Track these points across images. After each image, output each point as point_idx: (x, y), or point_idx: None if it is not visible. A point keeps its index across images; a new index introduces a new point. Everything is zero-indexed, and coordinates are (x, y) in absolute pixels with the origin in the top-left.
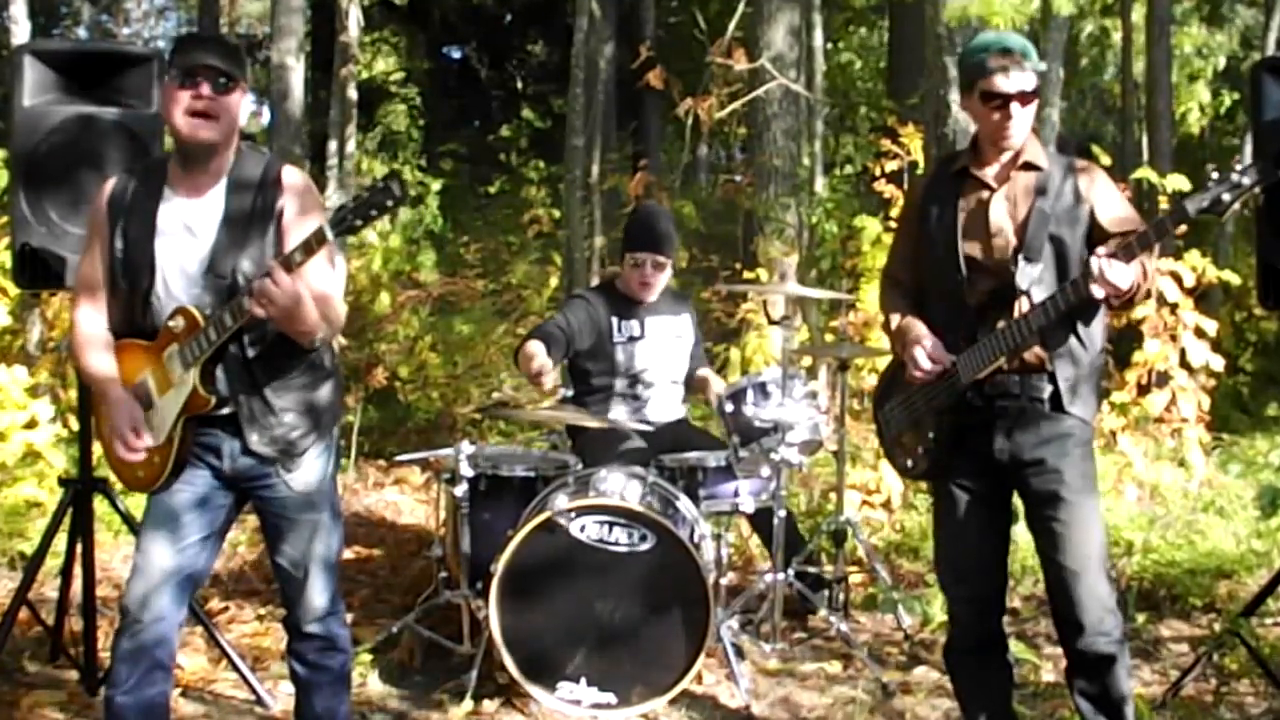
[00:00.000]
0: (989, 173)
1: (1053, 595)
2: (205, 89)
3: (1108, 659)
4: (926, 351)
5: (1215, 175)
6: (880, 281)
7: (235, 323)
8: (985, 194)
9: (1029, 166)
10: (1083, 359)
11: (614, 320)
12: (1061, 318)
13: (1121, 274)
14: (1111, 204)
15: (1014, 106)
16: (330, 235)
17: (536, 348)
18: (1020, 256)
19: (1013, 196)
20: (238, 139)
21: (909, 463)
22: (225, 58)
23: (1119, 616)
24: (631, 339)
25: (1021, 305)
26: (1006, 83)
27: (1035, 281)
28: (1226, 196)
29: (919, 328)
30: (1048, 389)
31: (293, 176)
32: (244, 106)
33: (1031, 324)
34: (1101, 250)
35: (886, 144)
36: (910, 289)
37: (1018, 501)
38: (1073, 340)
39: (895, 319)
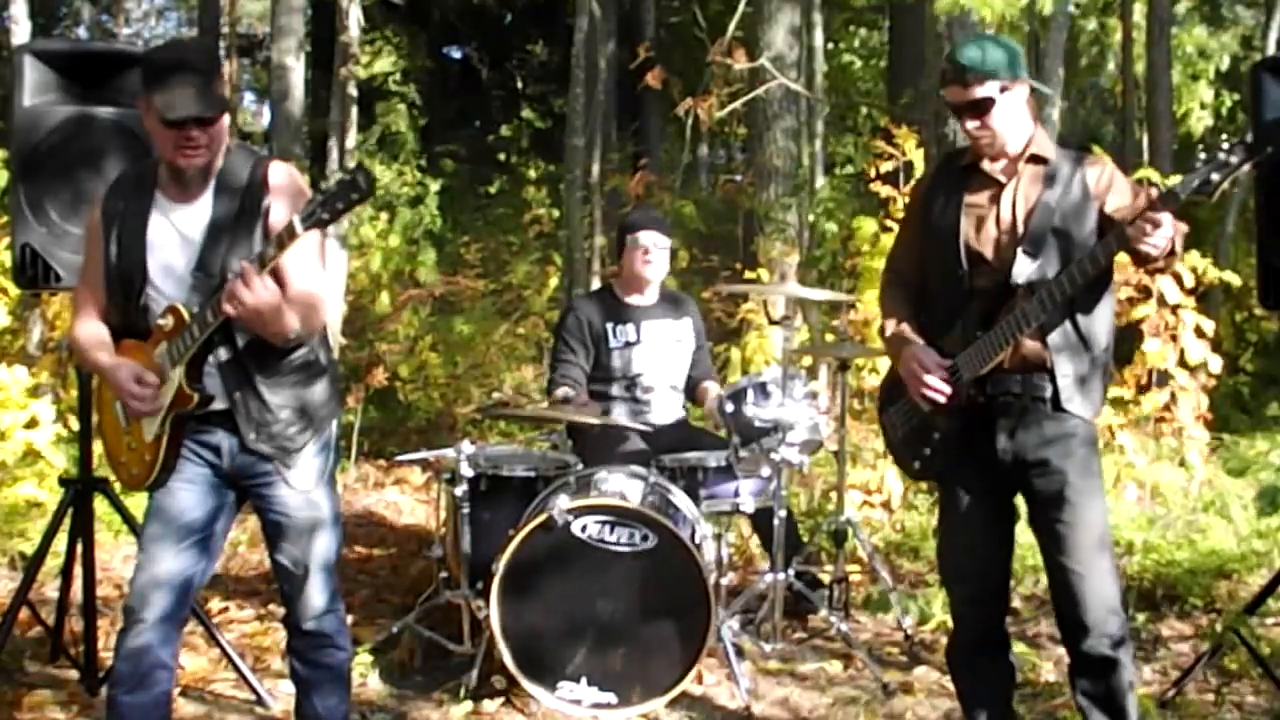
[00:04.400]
0: (996, 167)
1: (1056, 596)
2: (193, 131)
3: (1111, 660)
4: (927, 376)
5: (1203, 156)
6: (881, 277)
7: (216, 319)
8: (994, 189)
9: (1036, 159)
10: (1083, 355)
11: (609, 326)
12: (1058, 308)
13: (1166, 228)
14: (1121, 193)
15: (966, 118)
16: (300, 229)
17: (568, 393)
18: (1020, 250)
19: (1021, 190)
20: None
21: (916, 465)
22: (207, 100)
23: (1123, 617)
24: (628, 344)
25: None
26: (948, 95)
27: (1034, 276)
28: (1215, 176)
29: (913, 341)
30: (1049, 388)
31: (279, 174)
32: (227, 121)
33: (1029, 316)
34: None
35: (881, 145)
36: (913, 284)
37: (1019, 500)
38: (1072, 335)
39: (890, 325)
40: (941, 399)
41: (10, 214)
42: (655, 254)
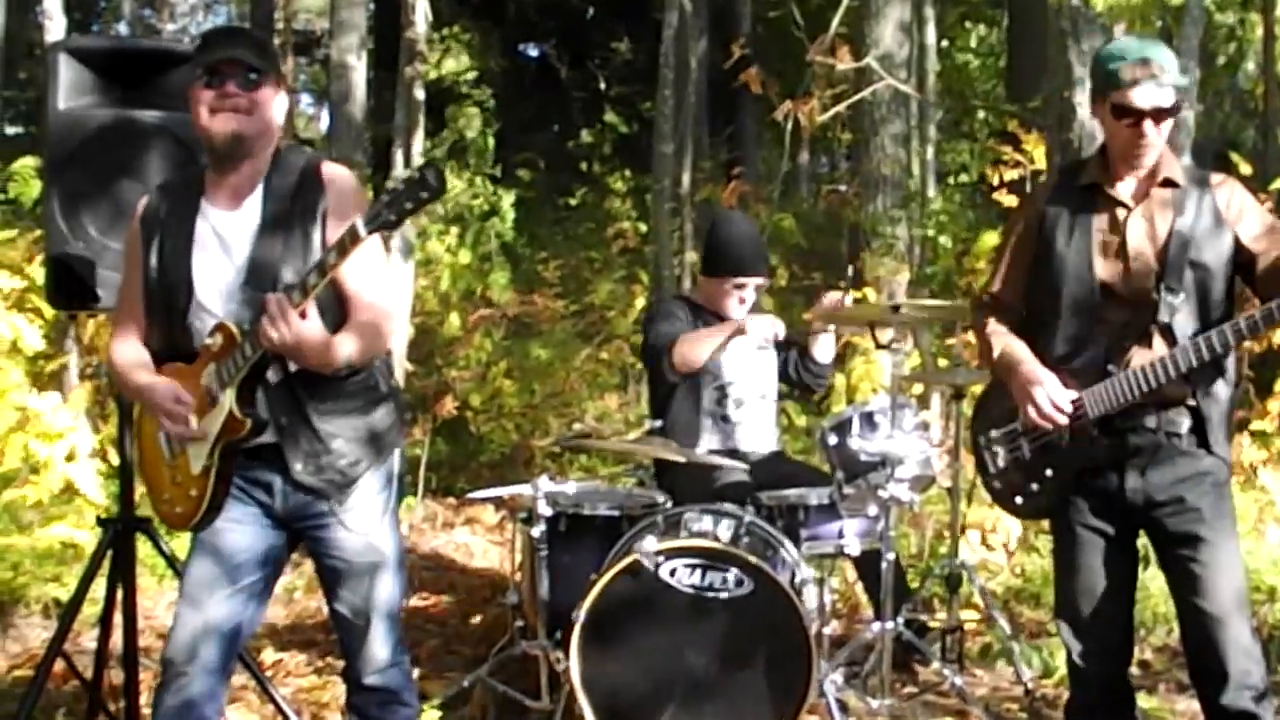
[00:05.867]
0: (1124, 189)
1: (1190, 644)
2: (231, 86)
3: (1252, 716)
4: (1050, 398)
5: None
6: (975, 300)
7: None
8: (1121, 213)
9: (1167, 183)
10: (1224, 395)
11: (696, 325)
12: (1209, 362)
13: None
14: (1255, 220)
15: (1147, 124)
16: (363, 232)
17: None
18: (1163, 287)
19: (1150, 217)
20: (277, 141)
21: (1018, 499)
22: (252, 51)
23: (1264, 668)
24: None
25: (1158, 338)
26: (1141, 97)
27: (1176, 312)
28: None
29: (1031, 362)
30: (1185, 424)
31: (334, 173)
32: (278, 104)
33: (1180, 364)
34: None
35: (1006, 151)
36: (1016, 312)
37: (1144, 542)
38: (1210, 370)
39: (998, 344)
40: (1061, 421)
41: (44, 227)
42: (752, 297)
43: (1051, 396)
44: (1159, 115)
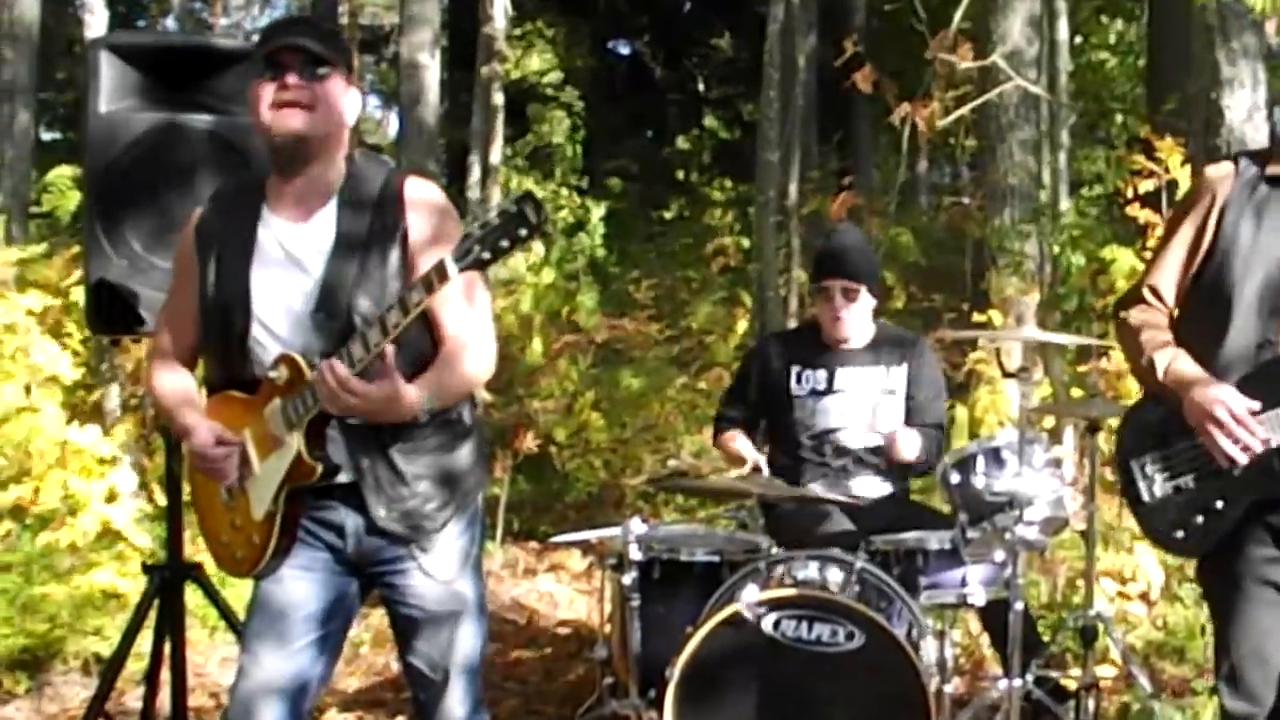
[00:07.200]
0: None
1: None
2: (292, 77)
3: None
4: (1230, 408)
5: None
6: (1127, 295)
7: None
8: None
9: None
10: None
11: (793, 369)
12: None
13: None
14: None
15: None
16: (452, 272)
17: (742, 444)
18: None
19: None
20: (348, 145)
21: (1179, 534)
22: (316, 39)
23: None
24: (815, 392)
25: None
26: None
27: None
28: None
29: (1207, 379)
30: None
31: (419, 189)
32: (348, 101)
33: None
34: None
35: (1139, 160)
36: (1168, 313)
37: None
38: None
39: (1163, 355)
40: (1246, 456)
41: (83, 243)
42: (843, 307)
43: (1239, 418)
44: None
